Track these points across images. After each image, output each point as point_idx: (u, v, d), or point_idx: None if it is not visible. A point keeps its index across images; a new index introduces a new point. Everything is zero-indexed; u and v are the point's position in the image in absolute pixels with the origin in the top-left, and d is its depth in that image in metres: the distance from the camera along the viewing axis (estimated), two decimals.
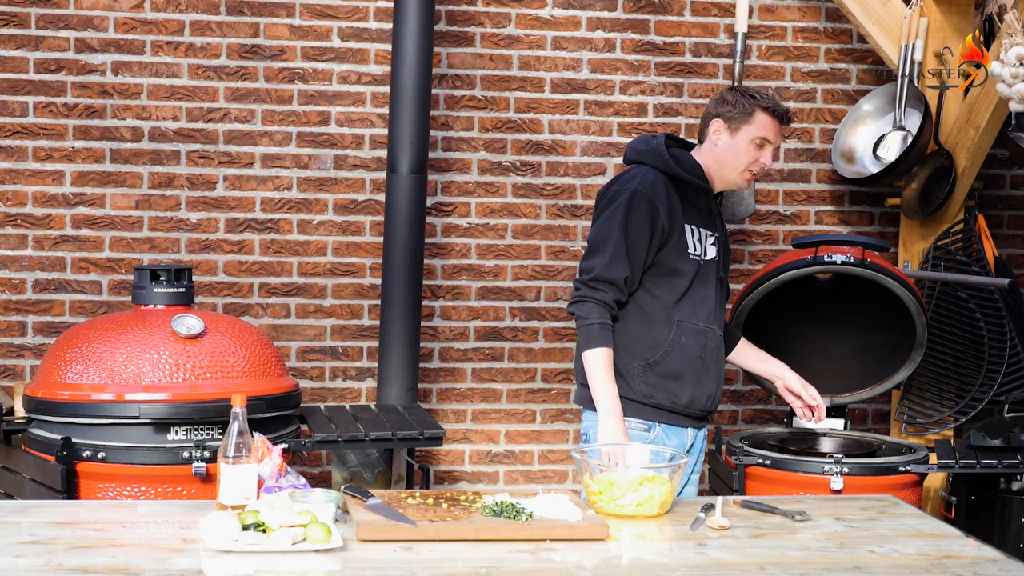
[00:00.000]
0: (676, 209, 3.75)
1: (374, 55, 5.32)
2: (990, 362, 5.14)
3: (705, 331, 3.80)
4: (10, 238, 5.16)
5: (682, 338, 3.76)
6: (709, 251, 3.83)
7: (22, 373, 5.17)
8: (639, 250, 3.68)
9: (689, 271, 3.76)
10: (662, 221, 3.69)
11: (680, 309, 3.76)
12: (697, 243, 3.79)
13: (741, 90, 3.85)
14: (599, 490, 3.13)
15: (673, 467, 3.17)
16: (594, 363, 3.66)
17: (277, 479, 3.12)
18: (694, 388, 3.78)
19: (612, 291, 3.68)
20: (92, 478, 3.96)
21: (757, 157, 3.80)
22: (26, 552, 2.70)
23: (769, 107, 3.79)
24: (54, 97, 5.15)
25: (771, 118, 3.79)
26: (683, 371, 3.77)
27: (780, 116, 3.81)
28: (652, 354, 3.75)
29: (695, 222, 3.80)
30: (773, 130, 3.81)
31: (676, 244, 3.74)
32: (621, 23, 5.46)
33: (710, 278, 3.82)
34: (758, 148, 3.79)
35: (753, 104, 3.78)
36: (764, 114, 3.79)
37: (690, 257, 3.77)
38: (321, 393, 5.36)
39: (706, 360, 3.81)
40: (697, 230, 3.80)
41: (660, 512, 3.13)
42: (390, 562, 2.71)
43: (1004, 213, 5.75)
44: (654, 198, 3.70)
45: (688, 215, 3.78)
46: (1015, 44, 4.41)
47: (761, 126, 3.79)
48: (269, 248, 5.30)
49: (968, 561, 2.86)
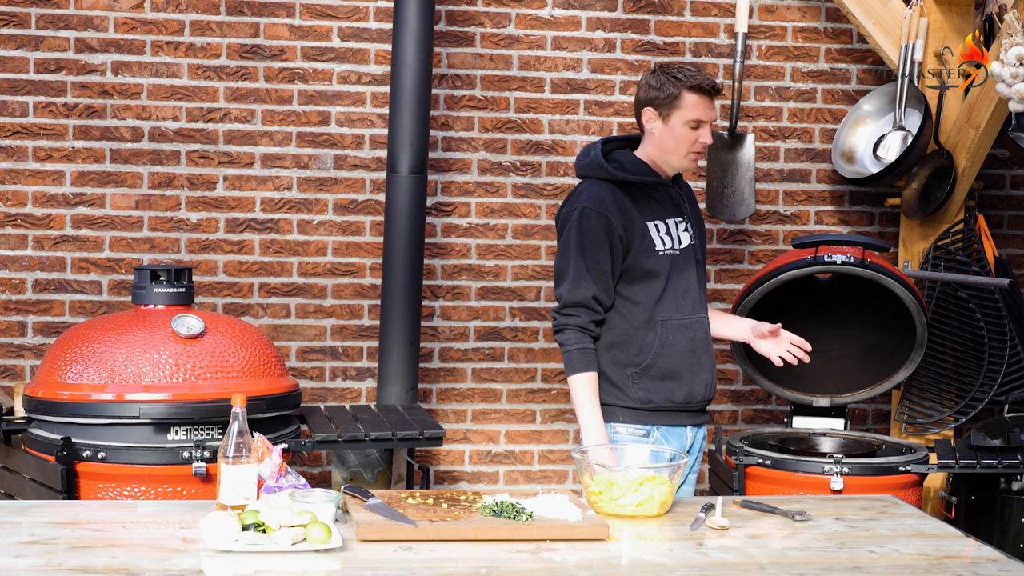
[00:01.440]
0: (631, 213, 3.69)
1: (374, 55, 5.32)
2: (990, 362, 5.14)
3: (692, 323, 3.77)
4: (10, 238, 5.16)
5: (669, 336, 3.73)
6: (683, 238, 3.77)
7: (22, 373, 5.17)
8: (602, 264, 3.65)
9: (663, 268, 3.72)
10: (617, 231, 3.65)
11: (662, 308, 3.72)
12: (667, 236, 3.73)
13: (665, 69, 3.70)
14: (599, 490, 3.13)
15: (673, 467, 3.17)
16: (576, 389, 3.66)
17: (277, 479, 3.12)
18: (690, 383, 3.76)
19: (584, 312, 3.66)
20: (92, 478, 3.96)
21: (696, 138, 3.69)
22: (26, 552, 2.70)
23: (694, 85, 3.65)
24: (54, 97, 5.15)
25: (699, 96, 3.66)
26: (677, 368, 3.74)
27: (707, 91, 3.67)
28: (643, 359, 3.72)
29: (660, 216, 3.74)
30: (704, 108, 3.68)
31: (641, 246, 3.69)
32: (621, 23, 5.46)
33: (690, 265, 3.78)
34: (694, 129, 3.68)
35: (678, 86, 3.65)
36: (691, 93, 3.66)
37: (661, 254, 3.71)
38: (321, 393, 5.36)
39: (697, 351, 3.78)
40: (664, 223, 3.74)
41: (660, 512, 3.13)
42: (390, 562, 2.71)
43: (1004, 213, 5.75)
44: (603, 210, 3.65)
45: (649, 213, 3.73)
46: (1015, 44, 4.41)
47: (691, 107, 3.67)
48: (269, 248, 5.30)
49: (968, 561, 2.86)
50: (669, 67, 3.69)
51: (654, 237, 3.71)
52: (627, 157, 3.76)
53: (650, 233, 3.71)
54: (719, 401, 5.60)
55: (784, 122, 5.59)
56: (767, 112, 5.57)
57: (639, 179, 3.72)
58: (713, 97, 3.69)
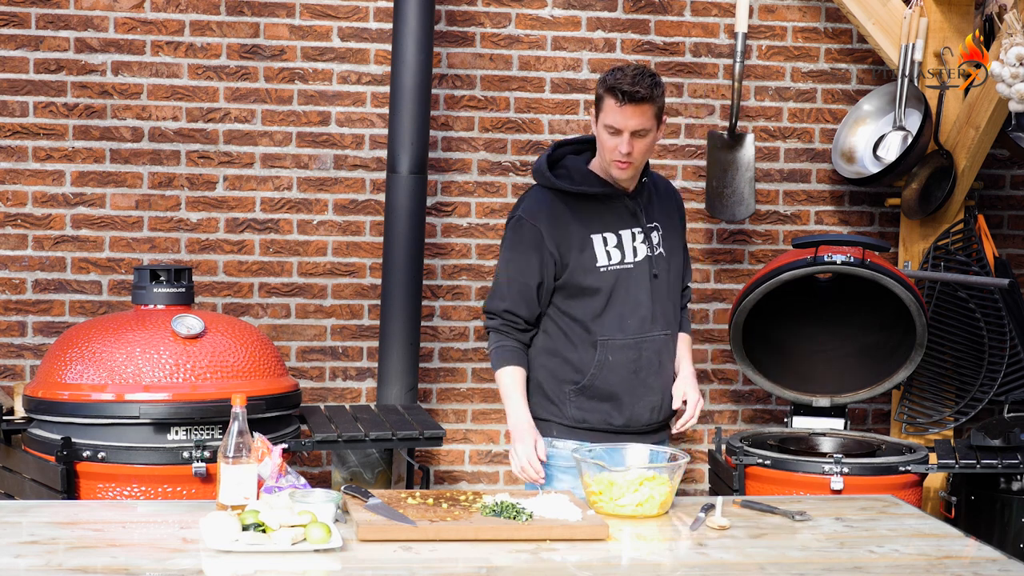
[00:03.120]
0: (570, 226, 3.47)
1: (374, 55, 5.32)
2: (990, 362, 5.14)
3: (638, 343, 3.51)
4: (10, 238, 5.16)
5: (609, 357, 3.50)
6: (640, 251, 3.52)
7: (22, 373, 5.17)
8: (526, 278, 3.48)
9: (603, 285, 3.48)
10: (548, 246, 3.46)
11: (602, 327, 3.49)
12: (615, 250, 3.49)
13: (619, 67, 3.42)
14: (599, 490, 3.12)
15: (673, 467, 3.17)
16: (499, 385, 3.55)
17: (277, 479, 3.12)
18: (632, 406, 3.52)
19: (497, 320, 3.54)
20: (92, 478, 3.96)
21: (614, 146, 3.39)
22: (26, 552, 2.70)
23: (612, 88, 3.35)
24: (54, 97, 5.15)
25: (614, 101, 3.35)
26: (616, 391, 3.52)
27: (623, 96, 3.33)
28: (580, 377, 3.51)
29: (611, 227, 3.50)
30: (618, 115, 3.35)
31: (578, 262, 3.47)
32: (621, 23, 5.46)
33: (643, 280, 3.52)
34: (611, 135, 3.39)
35: (602, 87, 3.39)
36: (608, 97, 3.37)
37: (603, 270, 3.48)
38: (321, 393, 5.36)
39: (643, 373, 3.53)
40: (615, 235, 3.50)
41: (660, 512, 3.13)
42: (390, 562, 2.71)
43: (1004, 213, 5.75)
44: (536, 222, 3.47)
45: (597, 224, 3.49)
46: (1015, 44, 4.41)
47: (607, 112, 3.38)
48: (269, 248, 5.30)
49: (968, 561, 2.86)
50: (619, 67, 3.42)
51: (597, 251, 3.48)
52: (576, 164, 3.54)
53: (592, 247, 3.48)
54: (719, 401, 5.60)
55: (784, 122, 5.59)
56: (767, 112, 5.57)
57: (581, 190, 3.49)
58: (634, 104, 3.33)
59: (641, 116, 3.36)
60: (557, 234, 3.46)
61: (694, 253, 5.54)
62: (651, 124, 3.39)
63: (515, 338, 3.54)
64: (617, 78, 3.35)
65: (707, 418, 5.60)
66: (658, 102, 3.39)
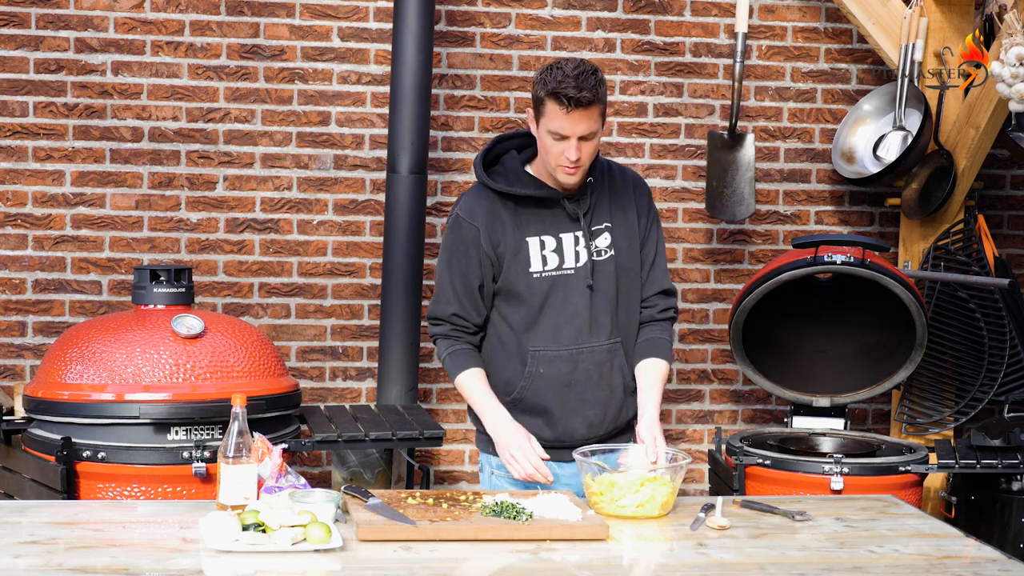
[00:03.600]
0: (506, 227, 3.30)
1: (374, 55, 5.32)
2: (990, 362, 5.14)
3: (573, 355, 3.32)
4: (10, 238, 5.16)
5: (540, 369, 3.32)
6: (581, 256, 3.31)
7: (22, 373, 5.17)
8: (468, 278, 3.32)
9: (536, 291, 3.30)
10: (484, 248, 3.29)
11: (534, 336, 3.32)
12: (553, 254, 3.31)
13: (552, 66, 3.19)
14: (600, 491, 3.11)
15: (674, 468, 3.17)
16: (462, 390, 3.38)
17: (277, 479, 3.12)
18: (565, 421, 3.34)
19: (443, 325, 3.37)
20: (92, 478, 3.96)
21: (561, 151, 3.19)
22: (26, 552, 2.70)
23: (554, 92, 3.14)
24: (54, 97, 5.15)
25: (559, 106, 3.14)
26: (547, 404, 3.34)
27: (569, 102, 3.13)
28: (511, 389, 3.36)
29: (549, 231, 3.31)
30: (564, 121, 3.15)
31: (513, 263, 3.30)
32: (621, 23, 5.46)
33: (581, 289, 3.31)
34: (557, 141, 3.20)
35: (544, 89, 3.16)
36: (551, 101, 3.15)
37: (536, 276, 3.30)
38: (321, 393, 5.36)
39: (577, 387, 3.33)
40: (554, 239, 3.31)
41: (662, 513, 3.11)
42: (390, 562, 2.71)
43: (1004, 213, 5.75)
44: (473, 220, 3.30)
45: (534, 227, 3.30)
46: (1015, 44, 4.41)
47: (551, 117, 3.17)
48: (269, 248, 5.30)
49: (968, 561, 2.86)
50: (556, 65, 3.18)
51: (532, 256, 3.30)
52: (513, 163, 3.34)
53: (527, 251, 3.30)
54: (719, 401, 5.60)
55: (784, 122, 5.59)
56: (767, 112, 5.57)
57: (513, 192, 3.29)
58: (581, 109, 3.14)
59: (588, 120, 3.17)
60: (494, 235, 3.30)
61: (694, 253, 5.54)
62: (597, 125, 3.21)
63: (467, 341, 3.37)
64: (560, 81, 3.13)
65: (707, 418, 5.60)
66: (603, 100, 3.20)
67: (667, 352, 3.41)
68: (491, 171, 3.36)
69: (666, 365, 3.40)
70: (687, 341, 5.58)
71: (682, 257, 5.54)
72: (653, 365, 3.38)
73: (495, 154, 3.39)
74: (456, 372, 3.37)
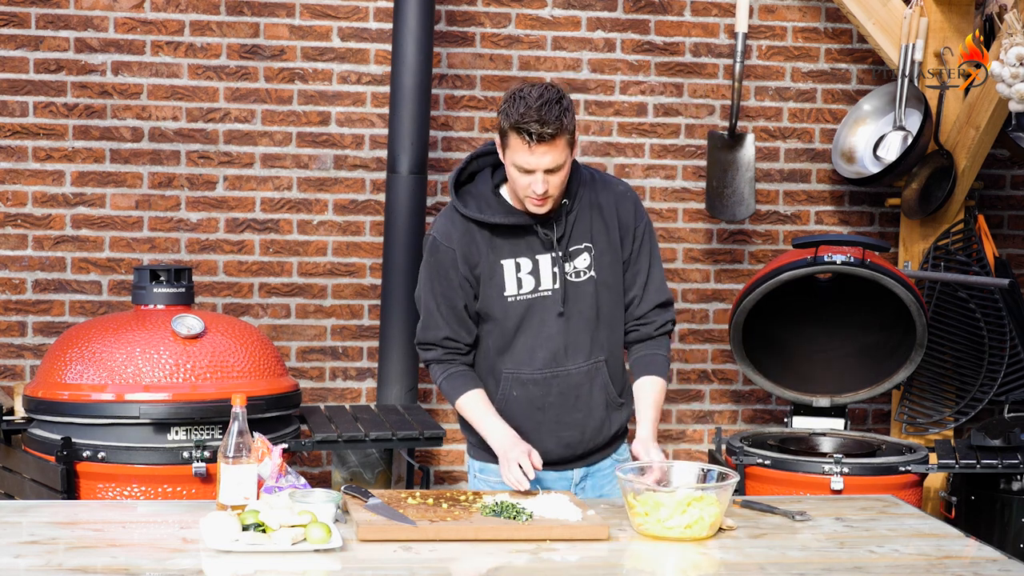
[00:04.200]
0: (481, 248, 3.21)
1: (374, 55, 5.32)
2: (990, 362, 5.14)
3: (547, 379, 3.25)
4: (10, 238, 5.16)
5: (513, 392, 3.27)
6: (557, 278, 3.22)
7: (22, 373, 5.17)
8: (453, 300, 3.25)
9: (511, 315, 3.23)
10: (462, 270, 3.22)
11: (508, 359, 3.26)
12: (529, 277, 3.22)
13: (514, 95, 3.06)
14: (645, 511, 2.94)
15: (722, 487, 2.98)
16: (463, 413, 3.29)
17: (277, 479, 3.12)
18: (539, 443, 3.24)
19: (435, 350, 3.30)
20: (92, 478, 3.96)
21: (528, 184, 3.08)
22: (26, 552, 2.70)
23: (516, 126, 3.02)
24: (54, 97, 5.15)
25: (520, 140, 3.03)
26: (520, 425, 3.26)
27: (531, 137, 3.01)
28: None
29: (525, 253, 3.21)
30: (527, 155, 3.04)
31: (489, 286, 3.23)
32: (621, 23, 5.46)
33: (553, 311, 3.23)
34: (523, 175, 3.08)
35: (506, 120, 3.05)
36: (513, 135, 3.04)
37: (509, 300, 3.22)
38: (321, 393, 5.36)
39: (551, 410, 3.27)
40: (529, 261, 3.22)
41: (710, 534, 2.94)
42: (390, 562, 2.71)
43: (1004, 213, 5.75)
44: (449, 242, 3.22)
45: (507, 249, 3.21)
46: (1015, 44, 4.41)
47: (513, 149, 3.06)
48: (269, 248, 5.30)
49: (968, 561, 2.86)
50: (519, 94, 3.06)
51: (507, 279, 3.22)
52: (483, 188, 3.23)
53: (502, 274, 3.22)
54: (719, 401, 5.60)
55: (784, 122, 5.59)
56: (767, 112, 5.57)
57: (484, 220, 3.19)
58: (546, 144, 3.02)
59: (553, 152, 3.04)
60: (470, 257, 3.22)
61: (694, 253, 5.54)
62: (564, 155, 3.07)
63: (461, 363, 3.29)
64: (522, 113, 3.00)
65: (707, 418, 5.60)
66: (569, 129, 3.06)
67: (664, 369, 3.33)
68: (464, 192, 3.26)
69: (663, 383, 3.32)
70: (687, 341, 5.58)
71: (682, 257, 5.55)
72: (650, 384, 3.30)
73: (469, 172, 3.28)
74: (455, 396, 3.28)
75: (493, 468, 3.34)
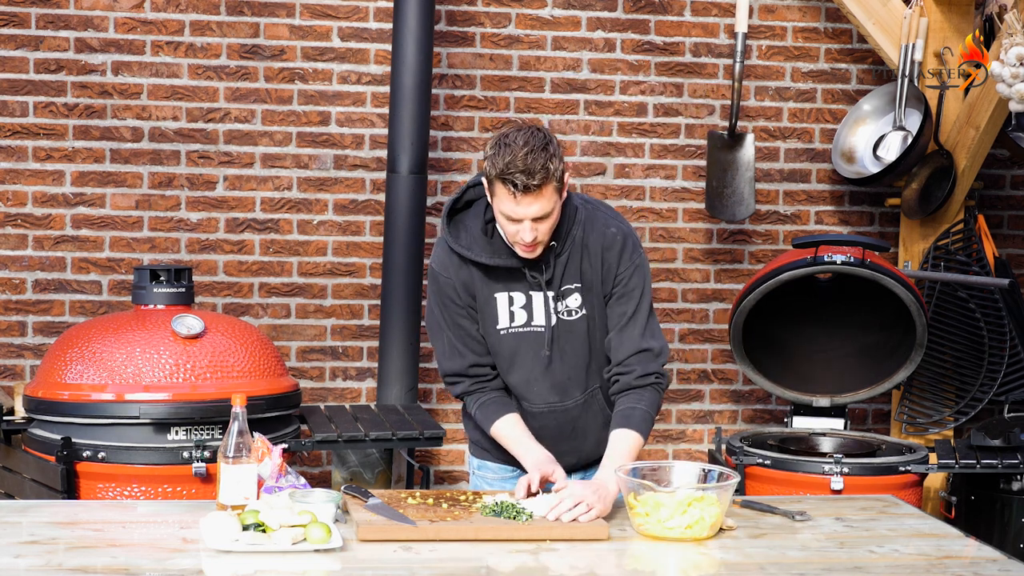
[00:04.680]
0: (476, 279, 3.17)
1: (374, 55, 5.32)
2: (990, 362, 5.14)
3: (543, 412, 3.26)
4: (10, 238, 5.16)
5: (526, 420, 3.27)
6: (552, 318, 3.18)
7: (22, 373, 5.17)
8: (465, 327, 3.21)
9: (504, 347, 3.21)
10: (462, 294, 3.18)
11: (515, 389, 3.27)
12: (521, 311, 3.18)
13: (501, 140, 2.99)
14: (645, 512, 2.94)
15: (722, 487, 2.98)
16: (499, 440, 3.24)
17: (277, 479, 3.12)
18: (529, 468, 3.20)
19: (463, 382, 3.24)
20: (92, 478, 3.96)
21: (516, 231, 3.03)
22: (26, 552, 2.70)
23: (502, 176, 2.95)
24: (54, 97, 5.15)
25: (506, 189, 2.96)
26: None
27: (516, 187, 2.95)
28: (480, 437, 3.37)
29: (517, 287, 3.17)
30: (512, 205, 2.98)
31: (484, 316, 3.20)
32: (621, 23, 5.46)
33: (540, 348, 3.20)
34: (511, 223, 3.03)
35: (493, 167, 2.97)
36: (499, 184, 2.98)
37: (502, 333, 3.19)
38: (321, 393, 5.36)
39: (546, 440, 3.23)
40: (524, 296, 3.18)
41: (710, 535, 2.94)
42: (390, 562, 2.71)
43: (1004, 213, 5.75)
44: (447, 273, 3.18)
45: (500, 283, 3.17)
46: (1015, 44, 4.41)
47: (501, 199, 3.01)
48: (269, 248, 5.30)
49: (968, 561, 2.86)
50: (505, 139, 2.99)
51: (500, 312, 3.19)
52: (475, 226, 3.16)
53: (494, 306, 3.19)
54: (719, 401, 5.60)
55: (784, 122, 5.59)
56: (767, 112, 5.57)
57: (472, 259, 3.15)
58: (532, 194, 2.96)
59: (540, 201, 2.98)
60: (469, 286, 3.19)
61: (694, 253, 5.54)
62: (553, 202, 3.01)
63: (491, 389, 3.25)
64: (508, 163, 2.94)
65: (707, 418, 5.60)
66: (556, 176, 2.99)
67: (642, 424, 3.15)
68: (457, 222, 3.19)
69: (638, 437, 3.14)
70: (687, 341, 5.58)
71: (682, 257, 5.55)
72: (622, 438, 3.14)
73: (466, 200, 3.20)
74: (489, 425, 3.24)
75: (491, 466, 3.38)
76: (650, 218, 5.51)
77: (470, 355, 3.23)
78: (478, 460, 3.42)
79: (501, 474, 3.38)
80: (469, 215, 3.19)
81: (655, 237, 5.51)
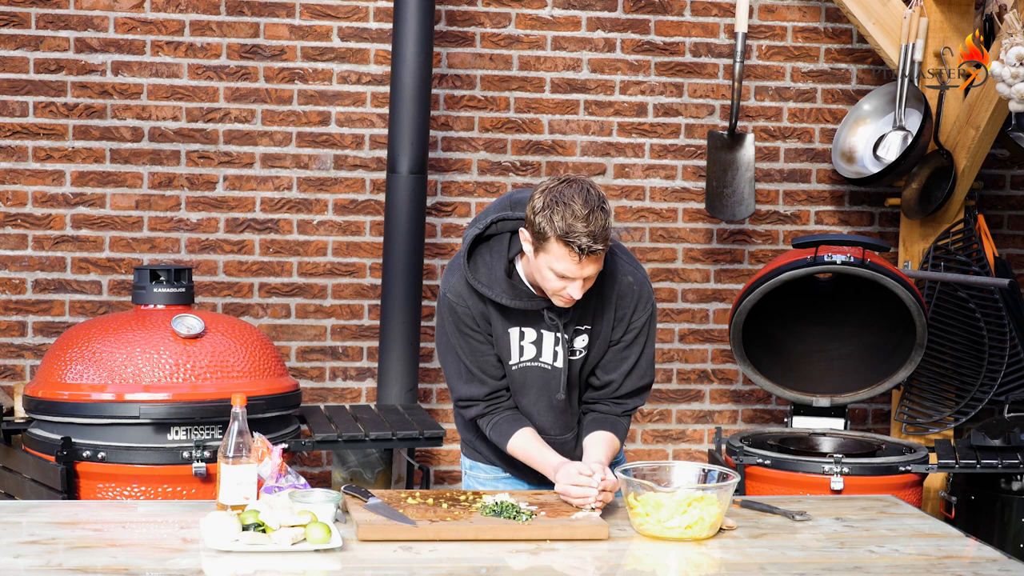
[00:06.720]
0: (491, 313, 3.18)
1: (374, 55, 5.32)
2: (990, 362, 5.14)
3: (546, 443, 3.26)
4: (10, 238, 5.16)
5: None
6: (559, 356, 3.19)
7: (22, 373, 5.17)
8: (483, 355, 3.20)
9: (515, 381, 3.23)
10: (479, 322, 3.18)
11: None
12: (531, 346, 3.20)
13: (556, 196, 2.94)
14: (645, 511, 2.94)
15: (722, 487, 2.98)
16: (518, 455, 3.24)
17: (277, 479, 3.12)
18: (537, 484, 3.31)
19: (477, 405, 3.24)
20: (92, 478, 3.96)
21: (562, 288, 3.01)
22: (26, 552, 2.70)
23: (565, 237, 2.92)
24: (54, 97, 5.15)
25: (567, 250, 2.93)
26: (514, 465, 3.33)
27: (579, 250, 2.93)
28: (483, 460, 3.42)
29: (529, 324, 3.18)
30: (571, 265, 2.96)
31: (499, 347, 3.21)
32: (621, 23, 5.46)
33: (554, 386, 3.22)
34: (558, 278, 3.00)
35: (551, 229, 2.92)
36: (559, 245, 2.93)
37: (513, 368, 3.21)
38: (321, 393, 5.36)
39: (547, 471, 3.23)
40: (534, 331, 3.19)
41: (710, 535, 2.95)
42: (390, 562, 2.71)
43: (1004, 213, 5.75)
44: (462, 301, 3.17)
45: (517, 319, 3.17)
46: (1015, 44, 4.41)
47: (556, 258, 2.96)
48: (269, 248, 5.30)
49: (968, 561, 2.86)
50: (560, 196, 2.94)
51: (512, 346, 3.19)
52: (498, 260, 3.14)
53: (508, 340, 3.19)
54: (719, 401, 5.60)
55: (784, 122, 5.59)
56: (767, 112, 5.57)
57: (489, 296, 3.13)
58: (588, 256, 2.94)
59: (597, 263, 2.99)
60: (487, 316, 3.19)
61: (694, 253, 5.54)
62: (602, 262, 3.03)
63: (504, 408, 3.26)
64: (570, 224, 2.91)
65: (707, 418, 5.60)
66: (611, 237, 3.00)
67: (622, 436, 3.28)
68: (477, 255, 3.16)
69: (617, 441, 3.25)
70: (687, 341, 5.58)
71: (682, 257, 5.55)
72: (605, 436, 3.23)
73: (490, 233, 3.17)
74: (504, 443, 3.25)
75: (482, 467, 3.41)
76: (650, 218, 5.51)
77: (490, 381, 3.23)
78: (470, 461, 3.45)
79: (493, 474, 3.40)
80: (491, 250, 3.16)
81: (655, 237, 5.51)
